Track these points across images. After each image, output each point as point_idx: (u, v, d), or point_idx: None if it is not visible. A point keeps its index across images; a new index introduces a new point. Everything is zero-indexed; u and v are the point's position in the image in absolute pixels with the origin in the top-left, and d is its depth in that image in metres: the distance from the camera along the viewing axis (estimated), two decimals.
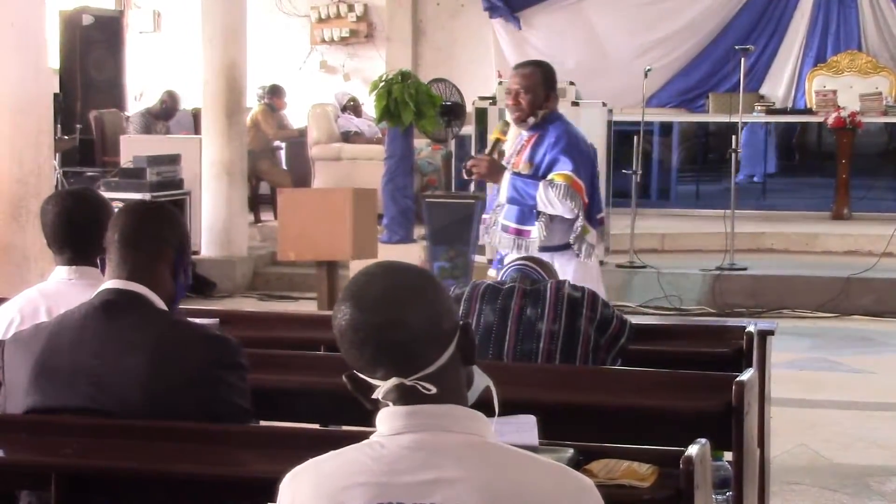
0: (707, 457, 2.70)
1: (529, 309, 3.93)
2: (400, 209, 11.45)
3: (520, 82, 5.76)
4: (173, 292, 3.14)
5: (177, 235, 3.16)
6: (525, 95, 5.74)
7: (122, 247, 3.07)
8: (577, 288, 4.00)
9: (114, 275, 3.07)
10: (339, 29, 15.76)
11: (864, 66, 14.50)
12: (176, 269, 3.13)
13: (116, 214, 3.20)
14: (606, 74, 14.85)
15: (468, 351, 2.10)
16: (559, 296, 3.93)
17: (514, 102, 5.76)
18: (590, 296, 3.96)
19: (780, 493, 5.46)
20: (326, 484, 2.03)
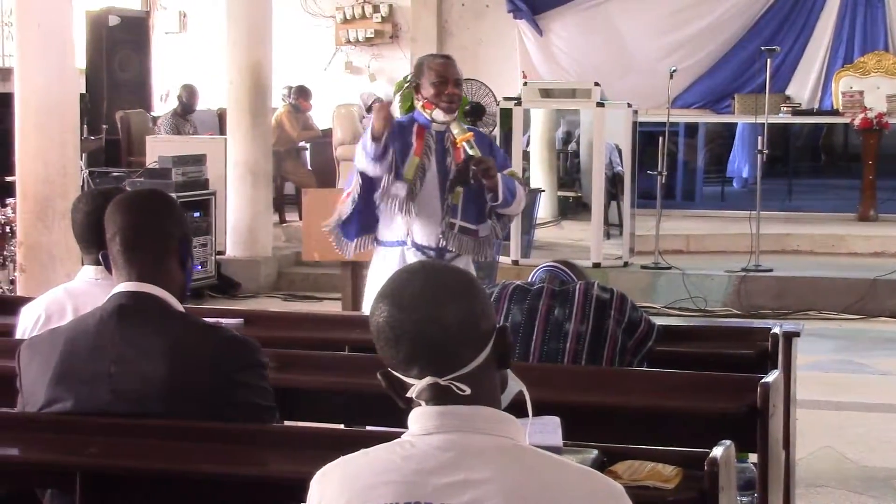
0: (731, 458, 2.69)
1: (557, 310, 3.91)
2: None
3: (457, 73, 5.42)
4: (184, 281, 3.11)
5: (177, 223, 3.11)
6: (459, 88, 5.44)
7: (126, 249, 3.03)
8: (606, 290, 3.97)
9: (123, 277, 3.04)
10: (363, 30, 15.78)
11: (891, 66, 14.43)
12: (183, 258, 3.09)
13: (111, 211, 3.10)
14: (631, 75, 14.83)
15: (504, 354, 2.09)
16: (587, 297, 3.91)
17: (457, 93, 5.41)
18: (618, 298, 3.93)
19: (806, 496, 5.44)
20: (355, 482, 2.03)
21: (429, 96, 5.36)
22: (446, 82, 5.35)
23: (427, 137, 5.42)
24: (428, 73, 5.37)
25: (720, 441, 2.67)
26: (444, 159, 5.42)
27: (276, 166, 12.80)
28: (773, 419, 3.29)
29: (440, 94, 5.33)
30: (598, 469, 2.51)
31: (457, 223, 5.42)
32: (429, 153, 5.41)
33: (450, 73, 5.37)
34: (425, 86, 5.38)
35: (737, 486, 2.89)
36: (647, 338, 3.91)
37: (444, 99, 5.33)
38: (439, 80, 5.35)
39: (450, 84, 5.35)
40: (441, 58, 5.52)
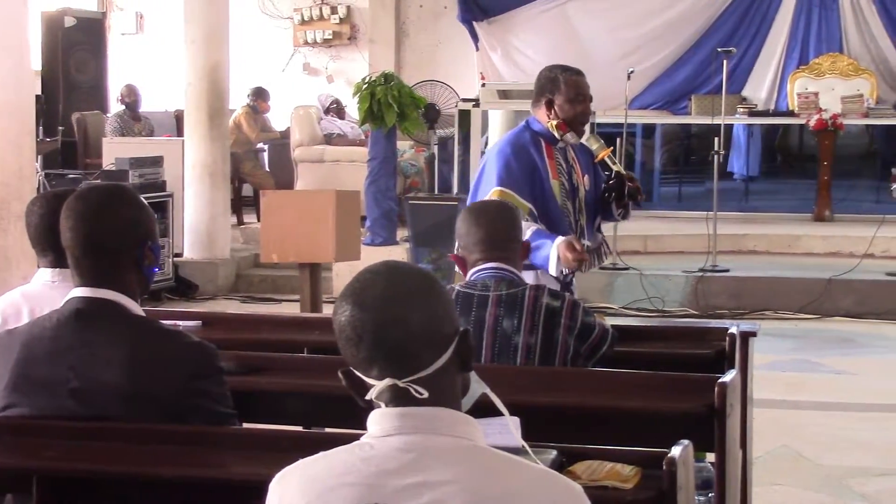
0: (690, 458, 2.70)
1: (505, 321, 3.77)
2: (383, 211, 11.47)
3: (589, 88, 5.10)
4: (144, 282, 3.03)
5: (134, 222, 3.00)
6: None
7: (80, 252, 2.95)
8: (557, 296, 3.85)
9: (79, 281, 2.96)
10: (321, 31, 15.75)
11: (845, 68, 14.55)
12: (140, 259, 2.99)
13: (66, 211, 2.99)
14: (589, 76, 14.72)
15: (466, 357, 2.10)
16: (537, 305, 3.78)
17: (589, 111, 5.14)
18: (569, 305, 3.81)
19: (763, 494, 5.47)
20: (314, 484, 2.02)
21: (566, 116, 4.99)
22: (585, 100, 5.06)
23: (556, 156, 5.06)
24: (566, 90, 5.01)
25: (678, 441, 2.68)
26: (571, 178, 5.09)
27: (234, 168, 12.77)
28: (731, 419, 3.31)
29: (577, 114, 5.00)
30: (556, 469, 2.51)
31: (585, 243, 5.06)
32: (562, 173, 5.05)
33: (586, 89, 5.08)
34: (561, 103, 5.00)
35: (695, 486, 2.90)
36: (601, 342, 3.84)
37: (580, 119, 5.01)
38: (578, 97, 5.04)
39: (587, 101, 5.06)
40: (575, 73, 5.15)
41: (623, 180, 5.10)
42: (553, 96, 5.01)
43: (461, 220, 3.96)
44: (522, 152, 4.95)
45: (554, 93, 5.02)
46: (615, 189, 5.12)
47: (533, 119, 5.07)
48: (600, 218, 5.25)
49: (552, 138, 5.01)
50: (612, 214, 5.25)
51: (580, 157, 5.13)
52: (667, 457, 2.60)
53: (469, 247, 3.91)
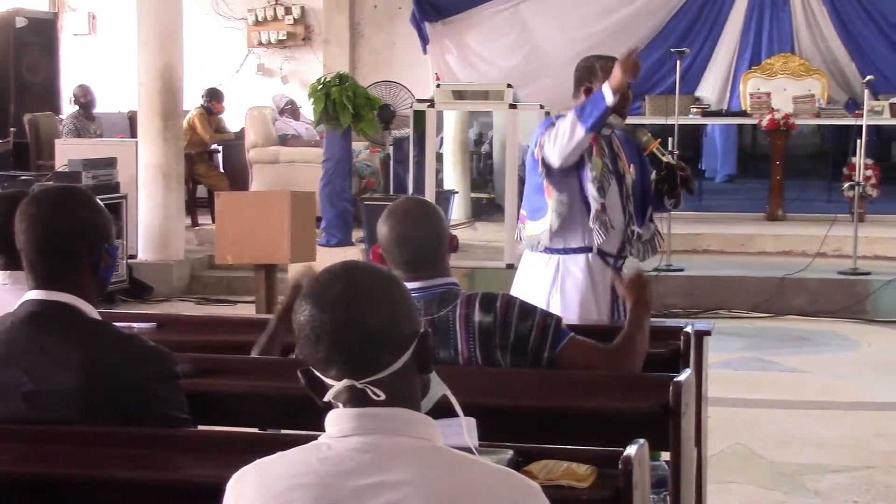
0: (645, 457, 2.72)
1: (442, 351, 3.49)
2: (338, 212, 11.46)
3: None
4: (101, 285, 3.01)
5: (90, 224, 2.97)
6: None
7: (35, 255, 2.92)
8: (489, 307, 3.53)
9: (34, 284, 2.94)
10: (276, 32, 15.70)
11: (797, 68, 14.66)
12: (96, 262, 2.97)
13: (21, 213, 2.95)
14: (544, 77, 14.90)
15: (425, 359, 2.10)
16: (469, 327, 3.50)
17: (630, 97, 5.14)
18: (501, 317, 3.52)
19: (717, 492, 5.50)
20: (271, 484, 2.02)
21: None
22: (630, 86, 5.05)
23: (600, 140, 5.08)
24: (602, 76, 5.01)
25: (634, 440, 2.69)
26: (616, 163, 5.11)
27: (189, 169, 12.73)
28: (686, 417, 3.33)
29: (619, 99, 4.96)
30: (513, 469, 2.52)
31: (636, 230, 5.14)
32: (605, 155, 5.07)
33: (637, 69, 5.03)
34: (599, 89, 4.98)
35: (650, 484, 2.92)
36: (544, 335, 3.55)
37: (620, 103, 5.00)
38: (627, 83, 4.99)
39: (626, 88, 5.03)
40: (611, 60, 5.12)
41: (675, 170, 5.15)
42: (591, 84, 5.07)
43: (381, 227, 3.57)
44: None
45: (592, 80, 5.08)
46: (668, 180, 5.17)
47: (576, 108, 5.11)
48: (651, 208, 5.26)
49: None
50: (664, 205, 5.27)
51: (625, 148, 5.17)
52: (622, 456, 2.61)
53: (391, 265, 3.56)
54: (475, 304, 3.52)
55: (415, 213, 3.61)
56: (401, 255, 3.54)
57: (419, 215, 3.60)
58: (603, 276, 5.03)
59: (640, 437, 2.73)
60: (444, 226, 3.67)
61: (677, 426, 3.27)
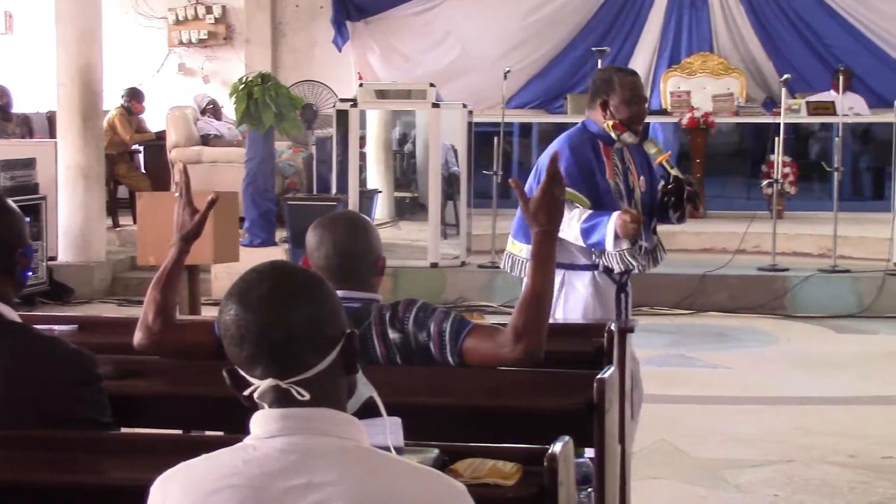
0: (570, 454, 2.73)
1: None
2: (261, 212, 11.41)
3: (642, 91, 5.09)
4: (19, 287, 2.98)
5: (4, 228, 2.95)
6: None
7: None
8: (393, 320, 3.47)
9: None
10: (196, 31, 15.59)
11: (716, 67, 14.82)
12: (13, 265, 2.94)
13: None
14: (466, 76, 14.94)
15: (351, 360, 2.10)
16: (387, 344, 3.45)
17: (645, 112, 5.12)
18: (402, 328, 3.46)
19: (641, 488, 5.54)
20: (197, 487, 2.01)
21: (622, 117, 4.97)
22: (640, 100, 5.03)
23: (613, 156, 5.04)
24: (621, 91, 4.97)
25: (558, 437, 2.71)
26: (627, 180, 5.09)
27: (109, 169, 12.61)
28: (609, 414, 3.35)
29: (633, 115, 4.97)
30: (439, 468, 2.53)
31: (643, 244, 5.14)
32: (618, 174, 5.04)
33: (642, 90, 5.06)
34: (616, 104, 4.96)
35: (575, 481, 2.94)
36: (441, 344, 3.45)
37: (636, 119, 4.98)
38: (633, 98, 5.01)
39: (642, 102, 5.02)
40: (630, 74, 5.12)
41: (682, 184, 5.13)
42: (608, 97, 5.00)
43: (310, 233, 3.59)
44: (580, 151, 4.96)
45: (609, 94, 5.00)
46: (674, 193, 5.16)
47: (589, 121, 5.06)
48: (656, 220, 5.26)
49: (609, 139, 5.01)
50: (669, 217, 5.28)
51: (636, 158, 5.13)
52: (547, 453, 2.63)
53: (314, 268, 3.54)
54: (386, 320, 3.46)
55: (347, 222, 3.62)
56: (325, 260, 3.52)
57: (350, 225, 3.60)
58: (608, 291, 5.03)
59: (565, 435, 2.74)
60: (375, 243, 3.62)
61: (601, 423, 3.29)
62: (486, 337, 3.44)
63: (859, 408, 7.40)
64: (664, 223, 5.34)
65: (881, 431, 6.78)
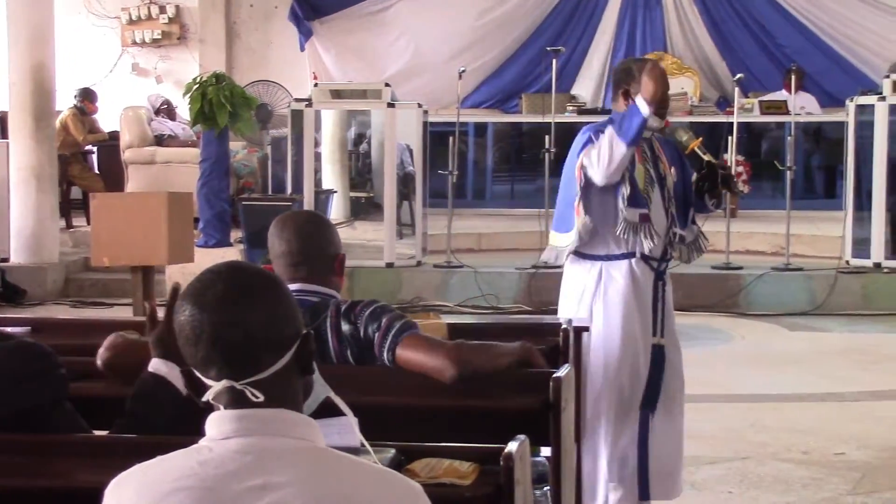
0: (526, 453, 2.74)
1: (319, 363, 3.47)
2: (216, 212, 11.37)
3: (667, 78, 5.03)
4: None
5: None
6: None
7: None
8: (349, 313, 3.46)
9: None
10: (150, 31, 15.52)
11: (669, 66, 14.88)
12: None
13: None
14: (422, 76, 14.96)
15: (307, 361, 2.10)
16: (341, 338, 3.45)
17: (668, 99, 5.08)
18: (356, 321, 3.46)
19: None
20: (151, 489, 2.00)
21: None
22: None
23: (641, 144, 4.98)
24: (640, 79, 4.91)
25: (515, 436, 2.72)
26: (657, 167, 5.04)
27: (62, 170, 12.53)
28: (565, 413, 3.37)
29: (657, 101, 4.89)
30: (395, 468, 2.53)
31: (678, 232, 5.07)
32: (647, 160, 5.00)
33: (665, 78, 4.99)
34: (637, 91, 4.90)
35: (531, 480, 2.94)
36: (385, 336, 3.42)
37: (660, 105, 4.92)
38: None
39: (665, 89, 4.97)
40: (651, 62, 5.08)
41: (716, 169, 5.11)
42: (629, 86, 4.96)
43: (272, 227, 3.62)
44: None
45: (629, 83, 4.97)
46: (708, 179, 5.13)
47: (614, 113, 5.03)
48: (693, 210, 5.22)
49: None
50: (706, 205, 5.24)
51: (665, 150, 5.11)
52: (504, 452, 2.63)
53: (274, 261, 3.58)
54: (341, 314, 3.47)
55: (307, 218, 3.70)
56: (280, 245, 3.55)
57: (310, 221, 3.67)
58: (646, 280, 5.00)
59: (521, 434, 2.75)
60: (335, 240, 3.64)
61: (557, 422, 3.31)
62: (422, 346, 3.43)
63: (812, 405, 7.46)
64: (702, 212, 5.31)
65: (834, 428, 6.84)
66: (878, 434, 6.62)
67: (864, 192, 10.71)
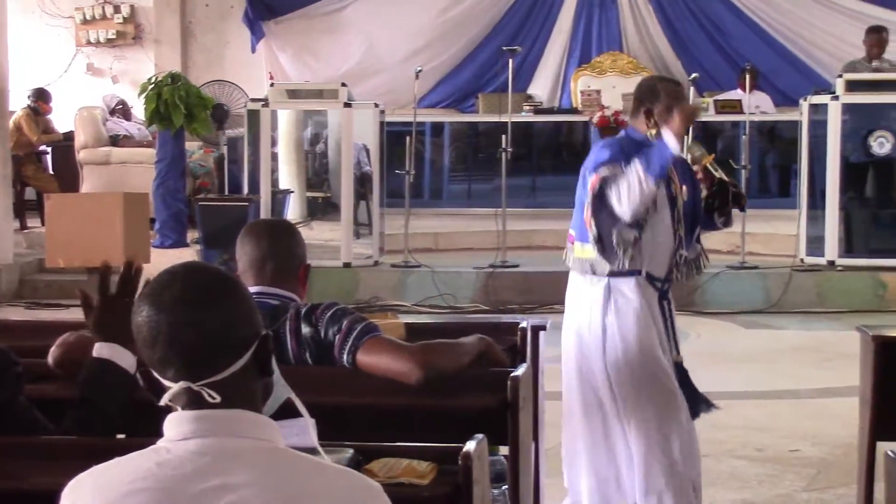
0: (484, 452, 2.75)
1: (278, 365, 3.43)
2: (172, 213, 11.32)
3: None
4: None
5: None
6: None
7: None
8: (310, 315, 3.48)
9: None
10: (105, 31, 15.42)
11: (625, 66, 14.96)
12: None
13: None
14: (378, 76, 14.95)
15: (265, 362, 2.09)
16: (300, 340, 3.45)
17: None
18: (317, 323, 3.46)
19: (555, 485, 5.58)
20: (109, 491, 1.99)
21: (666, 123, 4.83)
22: None
23: None
24: (665, 100, 4.88)
25: (473, 435, 2.73)
26: (669, 188, 4.97)
27: (16, 171, 12.44)
28: (523, 412, 3.38)
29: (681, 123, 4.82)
30: (353, 468, 2.53)
31: (683, 254, 5.02)
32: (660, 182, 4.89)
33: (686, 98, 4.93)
34: (661, 111, 4.87)
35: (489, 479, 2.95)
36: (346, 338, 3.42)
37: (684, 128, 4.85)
38: None
39: None
40: (675, 83, 5.08)
41: (727, 186, 5.07)
42: (652, 106, 4.93)
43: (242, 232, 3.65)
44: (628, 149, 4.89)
45: (654, 102, 4.93)
46: (719, 195, 5.09)
47: (631, 129, 5.00)
48: (700, 228, 5.17)
49: None
50: (713, 223, 5.18)
51: (677, 168, 5.05)
52: (462, 451, 2.64)
53: (240, 264, 3.59)
54: (301, 317, 3.47)
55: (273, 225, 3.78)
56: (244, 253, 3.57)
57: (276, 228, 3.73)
58: (651, 298, 4.98)
59: (479, 433, 2.76)
60: (299, 249, 3.66)
61: (515, 421, 3.32)
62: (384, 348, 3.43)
63: (767, 402, 7.51)
64: (708, 229, 5.29)
65: (788, 425, 6.89)
66: (832, 431, 6.67)
67: (818, 191, 10.79)
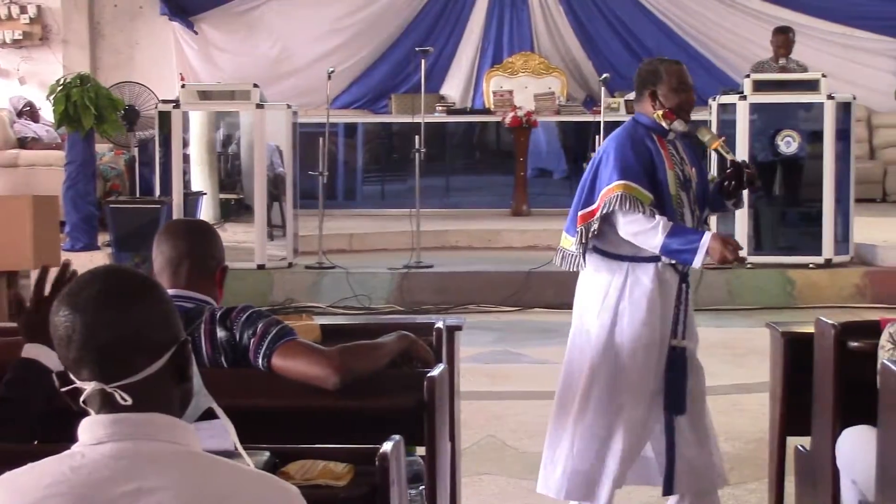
0: (401, 453, 2.76)
1: None
2: (83, 216, 11.20)
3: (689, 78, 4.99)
4: None
5: None
6: None
7: None
8: (225, 319, 3.45)
9: None
10: (11, 31, 15.19)
11: (537, 66, 15.05)
12: None
13: None
14: (291, 77, 14.90)
15: (183, 367, 2.08)
16: (214, 344, 3.43)
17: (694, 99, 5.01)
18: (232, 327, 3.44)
19: (471, 484, 5.62)
20: (21, 497, 1.97)
21: (671, 105, 4.85)
22: (688, 88, 4.93)
23: (668, 147, 4.91)
24: (668, 79, 4.87)
25: (389, 436, 2.73)
26: (684, 171, 4.95)
27: None
28: (439, 412, 3.39)
29: (682, 102, 4.86)
30: (270, 471, 2.53)
31: None
32: (676, 164, 4.91)
33: (688, 77, 4.94)
34: (665, 92, 4.87)
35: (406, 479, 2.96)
36: (261, 342, 3.40)
37: (685, 107, 4.87)
38: (681, 85, 4.91)
39: (690, 89, 4.92)
40: (675, 63, 5.02)
41: (741, 168, 5.04)
42: (656, 87, 4.91)
43: (158, 232, 3.64)
44: (639, 144, 4.88)
45: (657, 84, 4.92)
46: (734, 178, 5.05)
47: (639, 115, 4.98)
48: (709, 210, 5.16)
49: (661, 130, 4.92)
50: (724, 205, 5.16)
51: (686, 150, 5.04)
52: (379, 452, 2.65)
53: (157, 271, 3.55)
54: (216, 320, 3.45)
55: (189, 226, 3.77)
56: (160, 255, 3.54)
57: (193, 229, 3.72)
58: (672, 283, 4.97)
59: (396, 434, 2.77)
60: (216, 251, 3.63)
61: (432, 421, 3.33)
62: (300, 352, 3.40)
63: None
64: (718, 211, 5.32)
65: None
66: (744, 426, 6.76)
67: None
